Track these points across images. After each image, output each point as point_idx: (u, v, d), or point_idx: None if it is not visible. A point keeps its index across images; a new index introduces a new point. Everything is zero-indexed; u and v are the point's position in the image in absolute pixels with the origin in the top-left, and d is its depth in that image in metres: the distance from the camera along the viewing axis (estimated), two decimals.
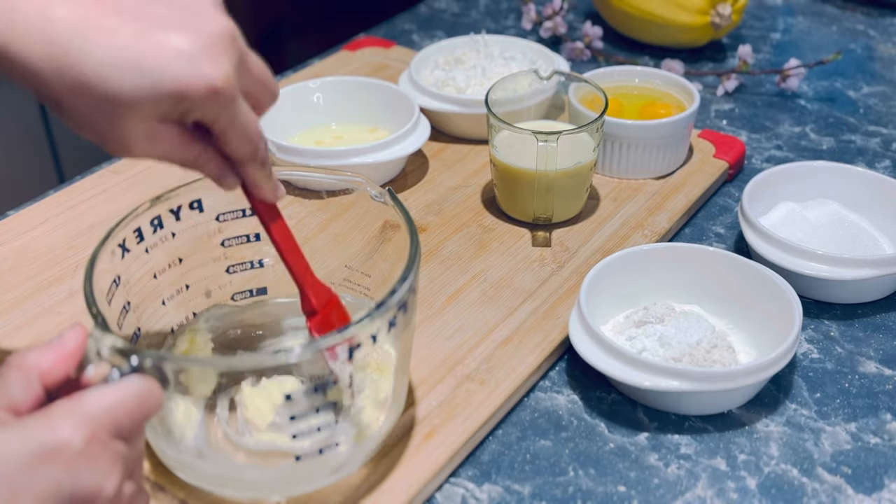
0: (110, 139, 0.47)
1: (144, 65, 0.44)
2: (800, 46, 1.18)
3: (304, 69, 1.08)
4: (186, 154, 0.50)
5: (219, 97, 0.47)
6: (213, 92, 0.46)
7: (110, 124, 0.46)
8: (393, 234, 0.61)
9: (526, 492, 0.59)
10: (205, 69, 0.46)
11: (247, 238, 0.65)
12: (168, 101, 0.45)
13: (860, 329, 0.72)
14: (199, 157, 0.50)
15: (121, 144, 0.47)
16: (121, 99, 0.45)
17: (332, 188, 0.64)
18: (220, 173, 0.52)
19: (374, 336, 0.52)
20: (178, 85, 0.45)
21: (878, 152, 0.95)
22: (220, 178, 0.52)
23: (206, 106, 0.47)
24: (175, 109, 0.46)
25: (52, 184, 1.00)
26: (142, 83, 0.45)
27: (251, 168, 0.52)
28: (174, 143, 0.49)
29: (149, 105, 0.45)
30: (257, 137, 0.51)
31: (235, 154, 0.51)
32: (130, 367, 0.46)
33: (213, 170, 0.52)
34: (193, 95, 0.46)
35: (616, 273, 0.70)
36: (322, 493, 0.57)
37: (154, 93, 0.45)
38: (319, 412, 0.53)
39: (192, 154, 0.50)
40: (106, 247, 0.56)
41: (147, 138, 0.47)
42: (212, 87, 0.46)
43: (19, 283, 0.74)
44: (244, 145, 0.51)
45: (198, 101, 0.46)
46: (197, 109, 0.47)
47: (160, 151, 0.48)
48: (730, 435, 0.63)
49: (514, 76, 0.84)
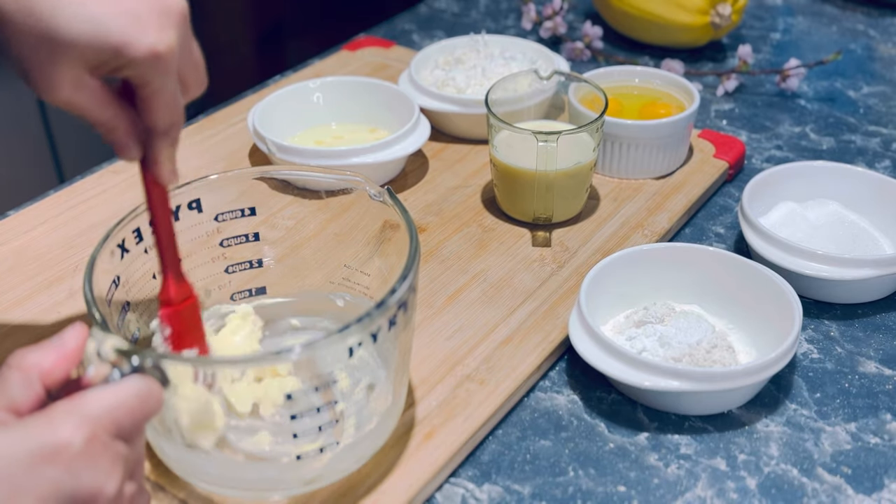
0: (39, 75, 0.48)
1: (95, 13, 0.47)
2: (800, 46, 1.18)
3: (304, 69, 1.08)
4: (102, 112, 0.50)
5: (158, 61, 0.48)
6: (154, 55, 0.48)
7: (46, 60, 0.47)
8: (392, 234, 0.61)
9: (526, 492, 0.59)
10: (150, 32, 0.48)
11: (245, 238, 0.65)
12: (107, 52, 0.47)
13: (860, 329, 0.72)
14: (114, 118, 0.51)
15: (48, 83, 0.48)
16: (64, 37, 0.46)
17: (332, 188, 0.64)
18: (126, 141, 0.52)
19: (375, 335, 0.52)
20: (122, 39, 0.47)
21: (878, 152, 0.95)
22: (125, 147, 0.52)
23: (143, 67, 0.48)
24: (110, 62, 0.48)
25: (52, 184, 1.00)
26: (88, 28, 0.46)
27: (162, 143, 0.52)
28: (95, 97, 0.50)
29: (87, 50, 0.47)
30: (179, 113, 0.52)
31: (154, 122, 0.51)
32: (131, 367, 0.46)
33: (121, 135, 0.52)
34: (133, 53, 0.47)
35: (616, 273, 0.70)
36: (322, 493, 0.57)
37: (97, 40, 0.47)
38: (320, 412, 0.54)
39: (108, 114, 0.51)
40: (105, 247, 0.56)
41: (72, 84, 0.48)
42: (153, 50, 0.48)
43: (19, 283, 0.74)
44: (166, 116, 0.51)
45: (136, 60, 0.48)
46: (132, 68, 0.48)
47: (80, 101, 0.49)
48: (730, 435, 0.63)
49: (514, 76, 0.84)
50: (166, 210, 0.55)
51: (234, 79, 1.53)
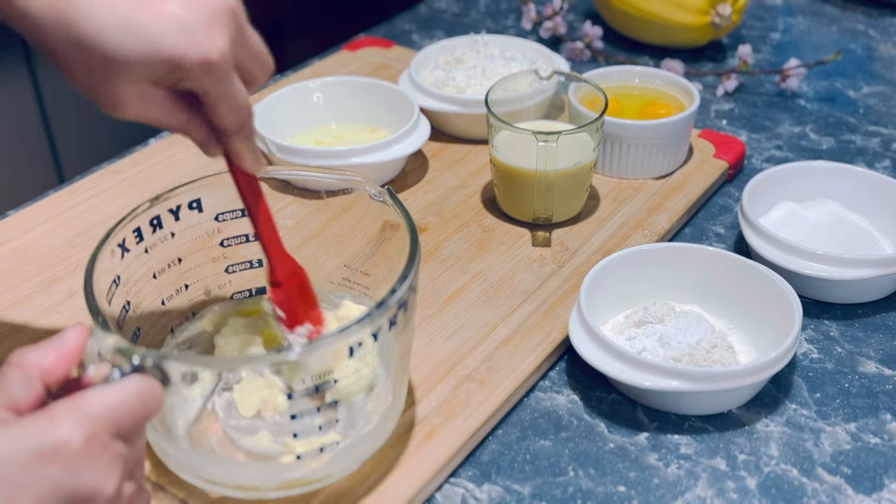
0: (103, 97, 0.48)
1: (142, 30, 0.46)
2: (800, 46, 1.18)
3: (304, 69, 1.08)
4: (175, 119, 0.51)
5: (212, 70, 0.48)
6: (207, 64, 0.48)
7: (103, 83, 0.47)
8: (392, 234, 0.61)
9: (526, 492, 0.59)
10: (201, 41, 0.47)
11: (246, 238, 0.65)
12: (162, 68, 0.47)
13: (860, 329, 0.72)
14: (187, 123, 0.52)
15: (112, 103, 0.49)
16: (116, 60, 0.46)
17: (332, 188, 0.64)
18: (206, 141, 0.53)
19: (375, 334, 0.52)
20: (173, 53, 0.47)
21: (878, 152, 0.95)
22: (205, 145, 0.54)
23: (199, 77, 0.48)
24: (169, 76, 0.48)
25: (52, 184, 1.00)
26: (138, 47, 0.46)
27: (237, 140, 0.53)
28: (164, 108, 0.50)
29: (143, 69, 0.47)
30: (246, 111, 0.52)
31: (223, 125, 0.52)
32: (131, 366, 0.46)
33: (199, 137, 0.53)
34: (187, 65, 0.47)
35: (616, 273, 0.70)
36: (322, 493, 0.57)
37: (149, 58, 0.47)
38: (320, 411, 0.54)
39: (180, 119, 0.51)
40: (106, 247, 0.56)
41: (138, 100, 0.49)
42: (206, 59, 0.48)
43: (19, 283, 0.74)
44: (232, 118, 0.52)
45: (191, 71, 0.48)
46: (189, 79, 0.48)
47: (150, 114, 0.50)
48: (730, 435, 0.63)
49: (514, 76, 0.84)
50: (258, 195, 0.56)
51: None
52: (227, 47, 0.49)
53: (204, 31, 0.48)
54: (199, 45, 0.47)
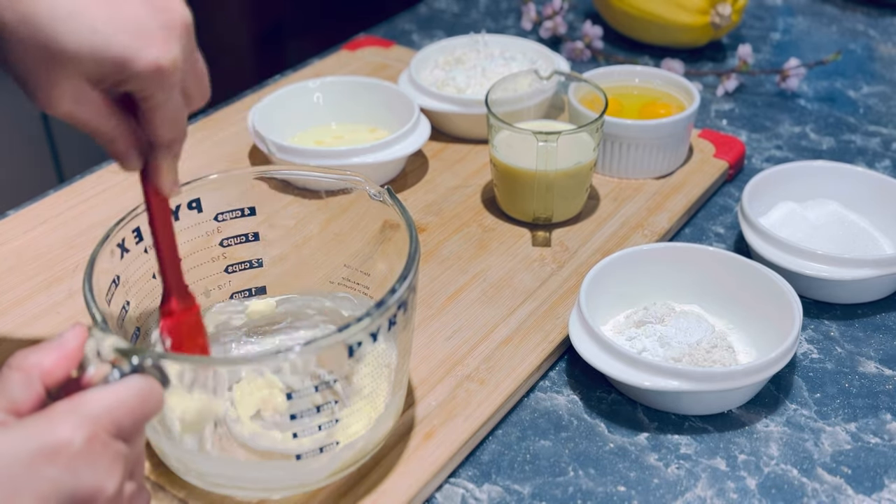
0: (40, 88, 0.47)
1: (98, 24, 0.46)
2: (800, 46, 1.18)
3: (304, 69, 1.08)
4: (104, 123, 0.50)
5: (161, 76, 0.48)
6: (157, 70, 0.47)
7: (45, 73, 0.46)
8: (392, 234, 0.61)
9: (526, 492, 0.59)
10: (155, 46, 0.47)
11: (245, 238, 0.65)
12: (110, 66, 0.46)
13: (860, 329, 0.72)
14: (115, 129, 0.50)
15: (48, 96, 0.48)
16: (65, 50, 0.46)
17: (332, 188, 0.64)
18: (128, 152, 0.52)
19: (374, 334, 0.52)
20: (125, 53, 0.46)
21: (878, 152, 0.95)
22: (127, 157, 0.52)
23: (145, 82, 0.48)
24: (113, 75, 0.47)
25: (52, 184, 1.00)
26: (90, 40, 0.46)
27: (165, 155, 0.52)
28: (96, 110, 0.49)
29: (89, 63, 0.46)
30: (182, 127, 0.52)
31: (156, 136, 0.51)
32: (131, 366, 0.46)
33: (122, 147, 0.51)
34: (136, 68, 0.47)
35: (616, 273, 0.70)
36: (322, 493, 0.57)
37: (99, 53, 0.46)
38: (320, 411, 0.54)
39: (109, 125, 0.50)
40: (105, 247, 0.56)
41: (74, 97, 0.48)
42: (157, 65, 0.47)
43: (19, 283, 0.74)
44: (168, 129, 0.51)
45: (139, 74, 0.47)
46: (134, 82, 0.48)
47: (81, 114, 0.49)
48: (730, 435, 0.63)
49: (514, 76, 0.84)
50: (167, 219, 0.55)
51: (234, 79, 1.53)
52: (178, 57, 0.48)
53: (158, 37, 0.47)
54: (151, 50, 0.47)
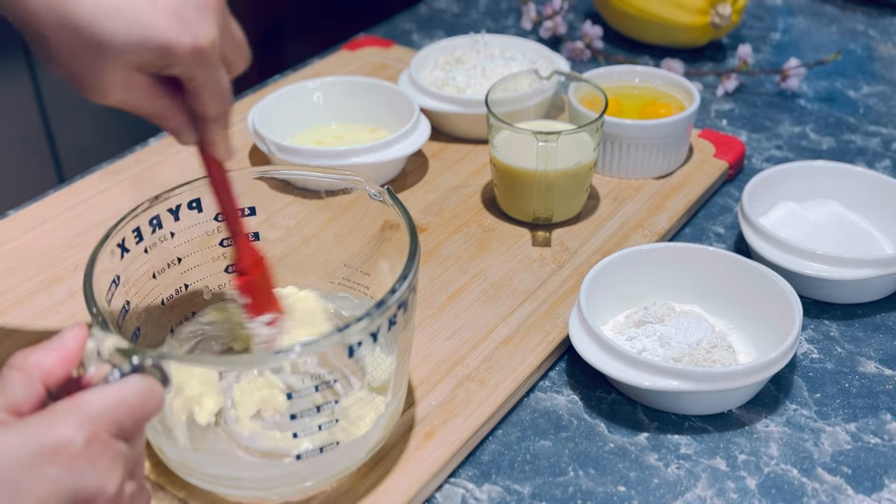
0: (88, 82, 0.48)
1: (134, 15, 0.46)
2: (800, 46, 1.18)
3: (304, 69, 1.08)
4: (155, 105, 0.51)
5: (202, 57, 0.49)
6: (198, 52, 0.48)
7: (91, 68, 0.47)
8: (392, 234, 0.61)
9: (526, 492, 0.59)
10: (192, 28, 0.48)
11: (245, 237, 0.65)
12: (152, 54, 0.47)
13: (860, 329, 0.72)
14: (167, 110, 0.52)
15: (97, 88, 0.49)
16: (108, 45, 0.46)
17: (332, 188, 0.64)
18: (182, 128, 0.53)
19: (375, 334, 0.52)
20: (165, 40, 0.47)
21: (878, 152, 0.95)
22: (181, 132, 0.54)
23: (188, 63, 0.49)
24: (157, 62, 0.48)
25: (52, 184, 1.00)
26: (130, 33, 0.46)
27: (216, 127, 0.54)
28: (146, 94, 0.50)
29: (132, 54, 0.47)
30: (228, 98, 0.53)
31: (205, 111, 0.52)
32: (131, 366, 0.46)
33: (176, 124, 0.53)
34: (179, 52, 0.48)
35: (616, 273, 0.70)
36: (322, 493, 0.57)
37: (141, 44, 0.47)
38: (320, 411, 0.54)
39: (161, 106, 0.51)
40: (105, 247, 0.56)
41: (123, 86, 0.49)
42: (197, 46, 0.48)
43: (19, 283, 0.74)
44: (216, 104, 0.52)
45: (181, 57, 0.48)
46: (178, 65, 0.49)
47: (132, 100, 0.50)
48: (730, 435, 0.63)
49: (514, 76, 0.84)
50: (227, 183, 0.57)
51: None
52: (216, 35, 0.49)
53: (195, 18, 0.48)
54: (191, 32, 0.48)
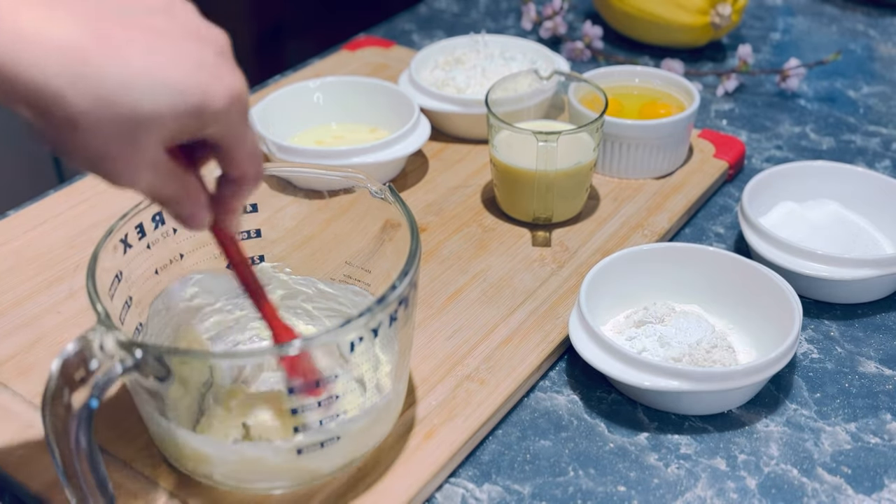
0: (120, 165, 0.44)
1: (166, 77, 0.42)
2: (800, 46, 1.18)
3: (304, 69, 1.08)
4: (178, 185, 0.47)
5: (239, 105, 0.45)
6: (235, 100, 0.45)
7: (125, 146, 0.43)
8: (394, 234, 0.61)
9: (526, 492, 0.59)
10: (223, 77, 0.44)
11: (247, 235, 0.65)
12: (190, 114, 0.43)
13: (860, 329, 0.72)
14: (188, 188, 0.48)
15: (129, 170, 0.44)
16: (145, 113, 0.42)
17: (333, 187, 0.64)
18: (200, 209, 0.49)
19: (375, 330, 0.52)
20: (201, 95, 0.43)
21: (878, 152, 0.95)
22: (198, 214, 0.49)
23: (226, 117, 0.45)
24: (193, 124, 0.44)
25: (52, 184, 1.00)
26: (165, 96, 0.42)
27: (248, 192, 0.50)
28: (170, 173, 0.46)
29: (171, 120, 0.43)
30: (261, 154, 0.50)
31: (243, 172, 0.49)
32: (134, 360, 0.46)
33: (193, 204, 0.48)
34: (216, 105, 0.44)
35: (616, 273, 0.70)
36: (322, 493, 0.57)
37: (178, 106, 0.43)
38: (321, 406, 0.54)
39: (183, 185, 0.47)
40: (108, 243, 0.56)
41: (153, 166, 0.45)
42: (234, 94, 0.45)
43: (19, 283, 0.74)
44: (253, 162, 0.49)
45: (220, 111, 0.44)
46: (215, 122, 0.45)
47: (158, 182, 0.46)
48: (730, 435, 0.63)
49: (514, 76, 0.84)
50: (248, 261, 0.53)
51: None
52: (244, 80, 0.46)
53: (223, 67, 0.45)
54: (222, 81, 0.44)
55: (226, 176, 0.50)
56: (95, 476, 0.49)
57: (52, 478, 0.57)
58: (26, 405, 0.63)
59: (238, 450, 0.55)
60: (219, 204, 0.50)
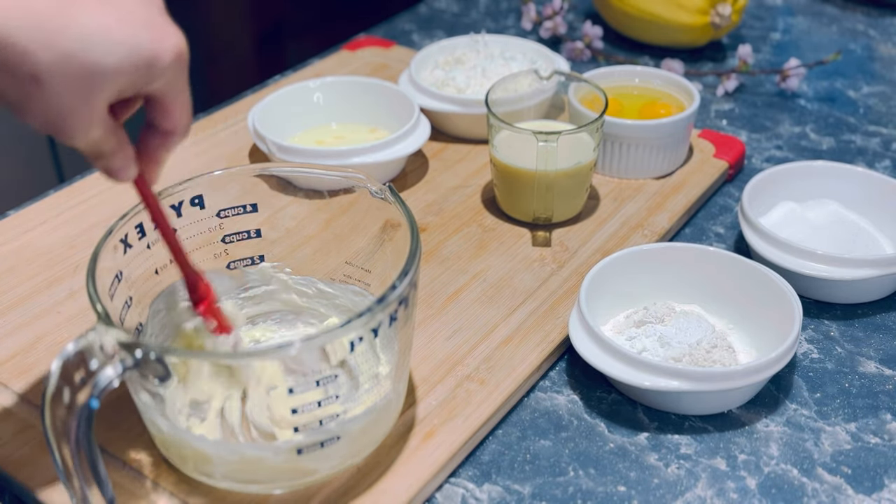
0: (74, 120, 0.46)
1: (123, 34, 0.45)
2: (800, 46, 1.18)
3: (304, 69, 1.08)
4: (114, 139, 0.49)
5: (182, 63, 0.48)
6: (180, 57, 0.48)
7: (80, 101, 0.46)
8: (394, 234, 0.61)
9: (526, 492, 0.59)
10: (169, 35, 0.47)
11: (248, 234, 0.65)
12: (140, 69, 0.46)
13: (860, 329, 0.72)
14: (122, 142, 0.50)
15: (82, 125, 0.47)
16: (102, 68, 0.45)
17: (333, 186, 0.64)
18: (129, 161, 0.51)
19: (376, 330, 0.52)
20: (151, 52, 0.46)
21: (878, 152, 0.95)
22: (127, 166, 0.51)
23: (172, 72, 0.48)
24: (142, 79, 0.47)
25: (52, 184, 1.00)
26: (120, 51, 0.45)
27: (176, 142, 0.52)
28: (110, 127, 0.49)
29: (123, 75, 0.46)
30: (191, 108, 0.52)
31: (177, 124, 0.51)
32: (134, 360, 0.46)
33: (124, 157, 0.51)
34: (164, 60, 0.47)
35: (616, 273, 0.70)
36: (322, 493, 0.57)
37: (131, 61, 0.46)
38: (321, 406, 0.54)
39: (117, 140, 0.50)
40: (108, 243, 0.56)
41: (101, 121, 0.47)
42: (179, 49, 0.48)
43: (19, 283, 0.74)
44: (186, 115, 0.51)
45: (167, 66, 0.47)
46: (161, 76, 0.48)
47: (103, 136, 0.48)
48: (730, 435, 0.63)
49: (514, 76, 0.84)
50: (163, 211, 0.55)
51: (234, 79, 1.53)
52: (184, 38, 0.49)
53: (167, 25, 0.48)
54: (169, 39, 0.47)
55: (157, 128, 0.52)
56: (95, 476, 0.49)
57: (52, 478, 0.57)
58: (26, 405, 0.63)
59: (238, 450, 0.55)
60: (146, 155, 0.53)
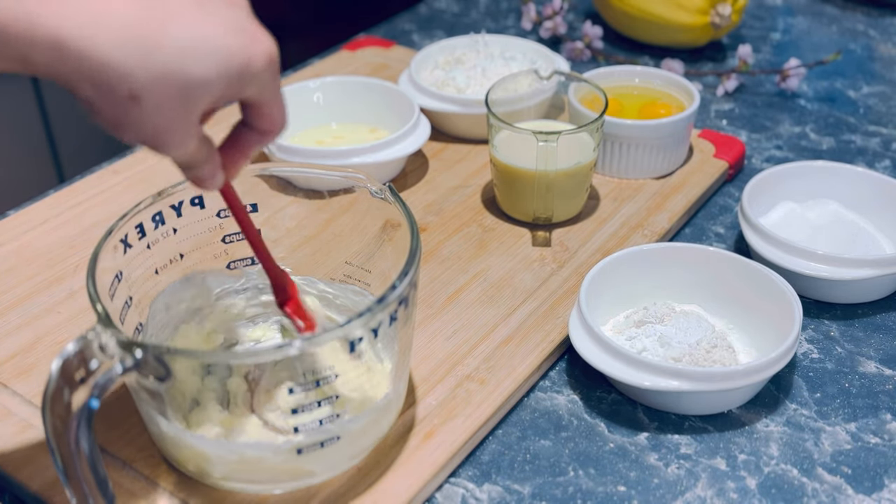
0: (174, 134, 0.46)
1: (213, 44, 0.44)
2: (800, 46, 1.18)
3: (304, 69, 1.08)
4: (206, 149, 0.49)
5: (274, 66, 0.48)
6: (271, 59, 0.47)
7: (179, 115, 0.45)
8: (394, 234, 0.61)
9: (526, 492, 0.59)
10: (259, 38, 0.47)
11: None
12: (235, 77, 0.45)
13: (860, 329, 0.72)
14: (212, 152, 0.50)
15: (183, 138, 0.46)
16: (198, 80, 0.44)
17: (333, 186, 0.64)
18: (217, 170, 0.51)
19: (376, 330, 0.52)
20: (245, 58, 0.45)
21: (878, 152, 0.95)
22: (215, 174, 0.51)
23: (264, 77, 0.47)
24: (236, 87, 0.46)
25: (52, 184, 1.00)
26: (215, 61, 0.44)
27: (272, 139, 0.52)
28: (203, 137, 0.48)
29: (218, 86, 0.45)
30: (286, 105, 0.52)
31: (272, 125, 0.50)
32: (134, 360, 0.46)
33: (213, 166, 0.50)
34: (257, 66, 0.46)
35: (616, 273, 0.70)
36: (322, 493, 0.57)
37: (226, 69, 0.45)
38: (321, 406, 0.54)
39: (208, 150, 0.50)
40: (108, 243, 0.56)
41: (197, 131, 0.47)
42: (270, 53, 0.47)
43: (19, 283, 0.74)
44: (284, 114, 0.51)
45: (259, 71, 0.46)
46: (255, 82, 0.47)
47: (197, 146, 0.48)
48: (730, 435, 0.63)
49: (514, 76, 0.84)
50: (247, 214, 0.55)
51: None
52: (274, 40, 0.48)
53: (256, 30, 0.47)
54: (260, 43, 0.46)
55: (253, 127, 0.51)
56: (95, 476, 0.49)
57: (52, 478, 0.57)
58: (26, 405, 0.63)
59: (238, 450, 0.55)
60: (237, 150, 0.52)
